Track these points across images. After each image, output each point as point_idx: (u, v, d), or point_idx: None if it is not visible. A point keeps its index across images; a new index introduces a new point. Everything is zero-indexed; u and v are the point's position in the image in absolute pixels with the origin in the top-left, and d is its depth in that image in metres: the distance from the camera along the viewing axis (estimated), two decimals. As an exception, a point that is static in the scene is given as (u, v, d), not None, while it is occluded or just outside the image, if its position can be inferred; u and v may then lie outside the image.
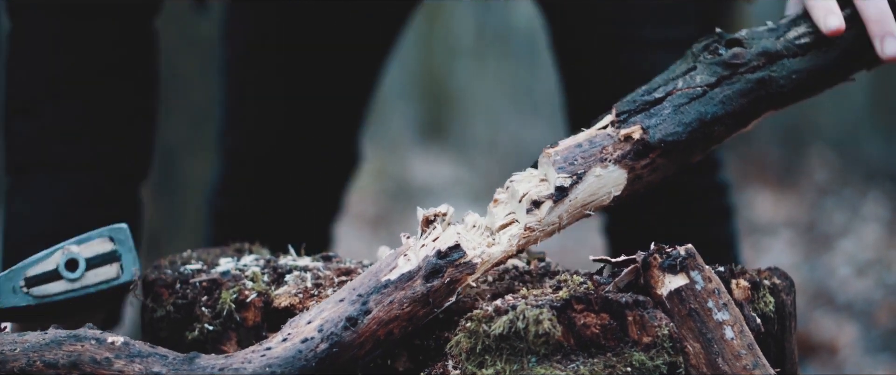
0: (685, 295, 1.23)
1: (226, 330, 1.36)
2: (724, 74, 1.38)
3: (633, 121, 1.34)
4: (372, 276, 1.25)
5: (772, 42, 1.42)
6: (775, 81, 1.39)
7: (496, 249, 1.28)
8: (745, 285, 1.31)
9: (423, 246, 1.26)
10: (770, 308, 1.32)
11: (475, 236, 1.29)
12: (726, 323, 1.23)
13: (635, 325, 1.21)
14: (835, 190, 5.74)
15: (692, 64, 1.40)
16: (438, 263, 1.24)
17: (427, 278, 1.23)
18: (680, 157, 1.36)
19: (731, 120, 1.38)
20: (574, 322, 1.21)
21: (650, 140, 1.33)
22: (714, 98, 1.37)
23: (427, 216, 1.28)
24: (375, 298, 1.23)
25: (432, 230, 1.27)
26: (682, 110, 1.35)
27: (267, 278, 1.40)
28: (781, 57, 1.41)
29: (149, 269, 1.47)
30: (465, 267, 1.24)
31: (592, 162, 1.31)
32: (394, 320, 1.23)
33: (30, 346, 1.22)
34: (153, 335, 1.42)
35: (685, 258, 1.23)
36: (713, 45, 1.41)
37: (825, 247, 5.00)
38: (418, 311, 1.23)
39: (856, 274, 4.50)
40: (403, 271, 1.24)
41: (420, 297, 1.23)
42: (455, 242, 1.24)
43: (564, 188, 1.29)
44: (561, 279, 1.33)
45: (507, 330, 1.20)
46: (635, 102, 1.36)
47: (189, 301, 1.39)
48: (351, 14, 2.09)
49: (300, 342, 1.21)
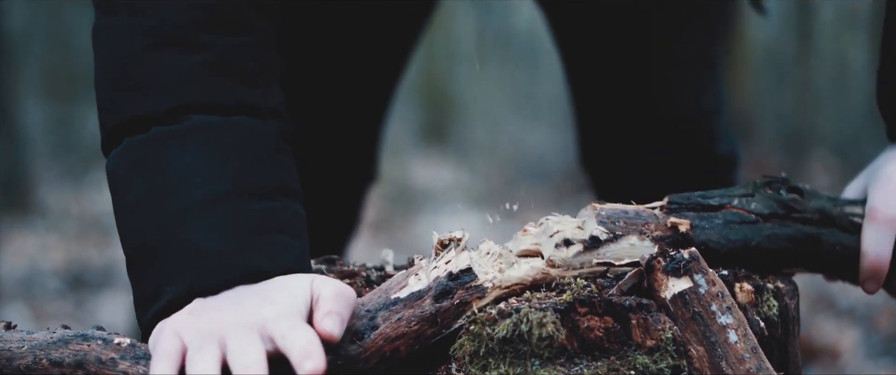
0: (689, 299, 1.23)
1: (229, 333, 1.36)
2: (779, 212, 1.41)
3: (686, 215, 1.37)
4: (382, 293, 1.26)
5: (830, 206, 1.46)
6: (823, 243, 1.42)
7: (511, 274, 1.28)
8: (749, 289, 1.31)
9: (435, 267, 1.26)
10: (774, 311, 1.32)
11: (488, 262, 1.29)
12: (730, 327, 1.23)
13: (639, 328, 1.21)
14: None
15: (751, 191, 1.43)
16: (449, 285, 1.24)
17: (437, 298, 1.23)
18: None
19: (769, 257, 1.40)
20: (578, 326, 1.21)
21: (694, 237, 1.35)
22: (763, 230, 1.39)
23: (442, 240, 1.29)
24: (383, 314, 1.23)
25: (446, 253, 1.28)
26: (731, 226, 1.38)
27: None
28: (834, 223, 1.44)
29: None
30: (475, 290, 1.24)
31: (632, 230, 1.33)
32: (400, 337, 1.23)
33: (37, 344, 1.23)
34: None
35: (689, 261, 1.23)
36: (776, 184, 1.44)
37: (826, 252, 4.98)
38: (426, 330, 1.23)
39: (857, 279, 4.49)
40: (413, 290, 1.24)
41: (428, 316, 1.23)
42: (467, 265, 1.25)
43: (599, 240, 1.31)
44: (565, 282, 1.33)
45: (511, 333, 1.20)
46: (689, 199, 1.39)
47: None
48: (369, 25, 2.06)
49: None
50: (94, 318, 4.29)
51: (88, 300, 4.59)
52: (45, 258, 5.34)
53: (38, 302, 4.52)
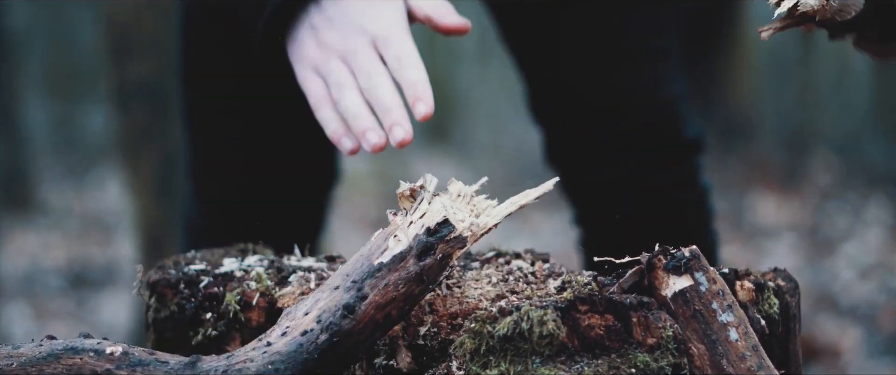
0: (689, 297, 1.23)
1: (230, 331, 1.36)
2: None
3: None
4: (364, 260, 1.24)
5: None
6: None
7: (487, 221, 1.26)
8: (750, 287, 1.31)
9: (411, 224, 1.24)
10: (774, 310, 1.32)
11: (461, 206, 1.27)
12: (731, 325, 1.23)
13: (639, 326, 1.21)
14: (838, 194, 5.74)
15: None
16: (429, 241, 1.22)
17: (419, 257, 1.22)
18: None
19: None
20: (578, 324, 1.21)
21: None
22: None
23: (413, 188, 1.27)
24: (370, 282, 1.22)
25: (418, 204, 1.26)
26: None
27: (271, 279, 1.40)
28: None
29: (152, 270, 1.47)
30: (455, 241, 1.23)
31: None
32: (391, 302, 1.22)
33: (27, 360, 1.18)
34: (158, 336, 1.42)
35: (689, 259, 1.23)
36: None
37: (828, 251, 4.99)
38: (414, 290, 1.22)
39: (859, 278, 4.51)
40: (395, 252, 1.22)
41: (414, 277, 1.22)
42: (443, 217, 1.23)
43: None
44: (565, 280, 1.33)
45: (512, 331, 1.20)
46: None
47: (193, 302, 1.39)
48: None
49: (300, 335, 1.20)
50: (96, 316, 4.30)
51: (90, 298, 4.60)
52: (47, 256, 5.35)
53: (40, 301, 4.53)
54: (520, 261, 1.44)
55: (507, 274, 1.40)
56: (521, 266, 1.42)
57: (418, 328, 1.28)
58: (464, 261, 1.46)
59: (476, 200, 1.28)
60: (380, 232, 1.26)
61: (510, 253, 1.49)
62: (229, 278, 1.40)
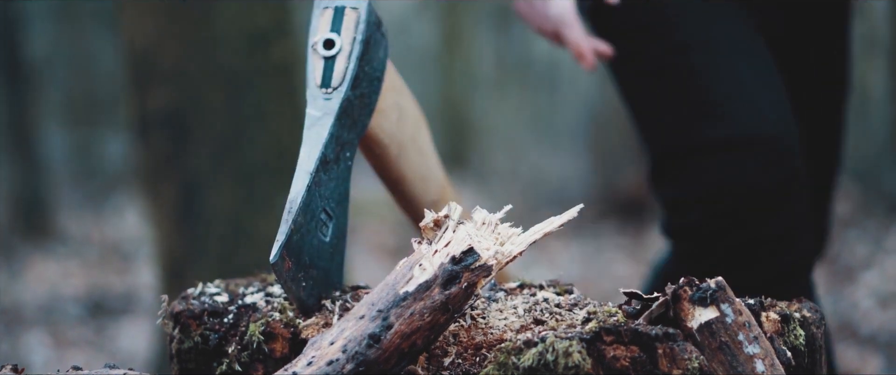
0: (715, 328, 1.22)
1: (253, 362, 1.36)
2: None
3: None
4: (389, 289, 1.24)
5: None
6: None
7: (512, 249, 1.26)
8: (776, 318, 1.30)
9: (436, 252, 1.24)
10: (801, 341, 1.31)
11: (485, 234, 1.27)
12: (757, 357, 1.22)
13: (665, 358, 1.21)
14: (857, 222, 5.71)
15: None
16: (454, 269, 1.22)
17: (445, 285, 1.22)
18: None
19: None
20: (603, 355, 1.20)
21: None
22: None
23: (437, 219, 1.27)
24: (396, 312, 1.22)
25: (443, 233, 1.26)
26: None
27: (293, 310, 1.39)
28: None
29: (176, 300, 1.47)
30: (480, 269, 1.23)
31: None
32: (416, 331, 1.22)
33: None
34: (181, 366, 1.42)
35: (715, 290, 1.23)
36: None
37: (848, 280, 4.97)
38: (439, 319, 1.22)
39: (879, 307, 4.48)
40: (420, 281, 1.23)
41: (440, 306, 1.22)
42: (468, 246, 1.23)
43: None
44: (591, 311, 1.33)
45: (537, 363, 1.19)
46: None
47: (217, 332, 1.39)
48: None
49: (326, 364, 1.20)
50: (115, 345, 4.30)
51: (109, 326, 4.60)
52: (66, 284, 5.35)
53: (59, 329, 4.53)
54: (545, 292, 1.43)
55: (533, 305, 1.39)
56: (547, 297, 1.42)
57: (443, 359, 1.27)
58: (489, 292, 1.46)
59: (500, 228, 1.28)
60: (404, 260, 1.26)
61: (535, 285, 1.48)
62: (253, 309, 1.40)
